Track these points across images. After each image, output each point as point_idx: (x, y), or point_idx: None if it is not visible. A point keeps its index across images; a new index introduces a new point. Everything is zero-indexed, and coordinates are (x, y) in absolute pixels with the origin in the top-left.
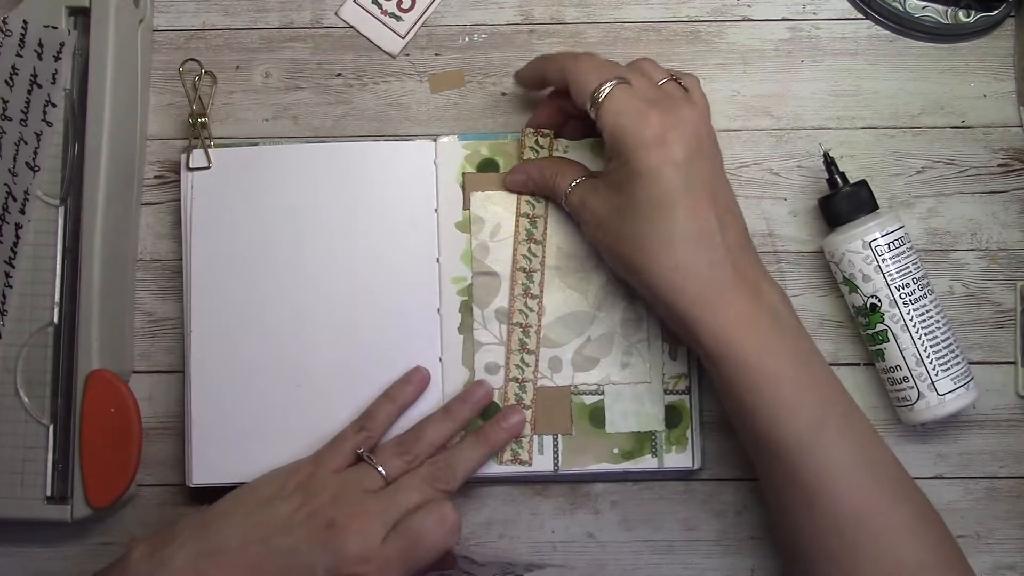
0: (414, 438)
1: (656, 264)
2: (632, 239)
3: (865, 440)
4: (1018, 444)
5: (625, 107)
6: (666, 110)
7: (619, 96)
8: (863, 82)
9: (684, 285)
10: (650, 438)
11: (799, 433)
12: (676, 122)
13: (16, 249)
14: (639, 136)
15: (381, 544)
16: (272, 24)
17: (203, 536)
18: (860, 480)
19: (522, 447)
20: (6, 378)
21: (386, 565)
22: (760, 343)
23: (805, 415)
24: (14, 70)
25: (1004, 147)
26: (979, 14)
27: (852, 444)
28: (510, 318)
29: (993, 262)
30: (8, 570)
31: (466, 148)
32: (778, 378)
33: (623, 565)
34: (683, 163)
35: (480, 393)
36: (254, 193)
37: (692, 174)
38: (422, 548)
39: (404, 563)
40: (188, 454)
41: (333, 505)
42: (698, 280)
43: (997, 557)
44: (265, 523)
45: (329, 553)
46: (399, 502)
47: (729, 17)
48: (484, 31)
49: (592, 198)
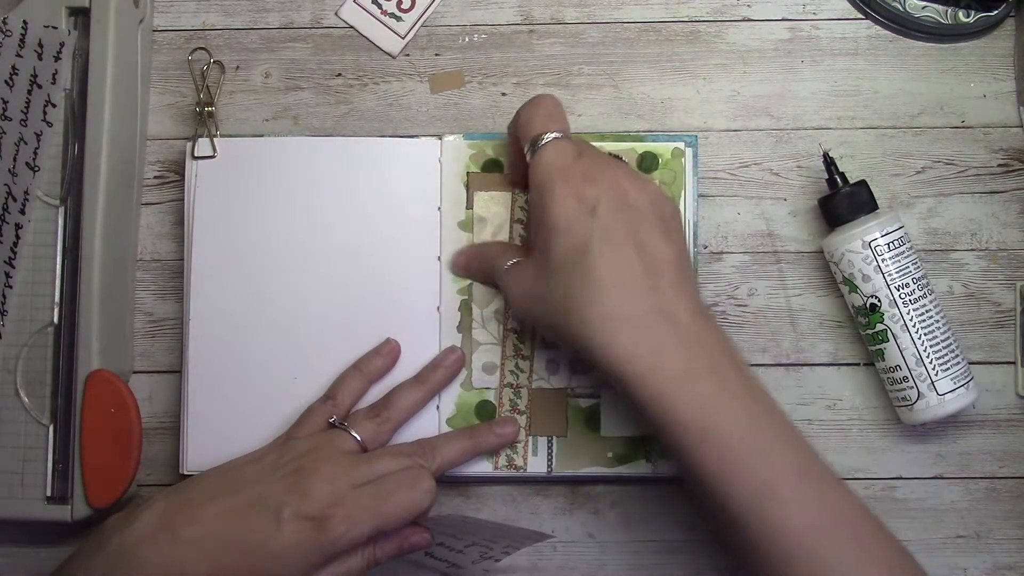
0: (385, 403)
1: (584, 318)
2: (558, 298)
3: (828, 498)
4: (1018, 444)
5: (552, 160)
6: (590, 164)
7: (552, 149)
8: (863, 82)
9: (615, 338)
10: (645, 443)
11: (744, 499)
12: (596, 176)
13: (16, 249)
14: (555, 189)
15: (350, 490)
16: (272, 24)
17: (174, 493)
18: (816, 540)
19: (517, 452)
20: (6, 378)
21: (354, 511)
22: (702, 405)
23: (751, 482)
24: (14, 70)
25: (1004, 147)
26: (979, 14)
27: (810, 508)
28: (505, 324)
29: (993, 262)
30: (8, 570)
31: (471, 147)
32: (721, 442)
33: (623, 565)
34: (601, 215)
35: (452, 358)
36: (258, 184)
37: (611, 224)
38: (394, 503)
39: (373, 515)
40: (183, 443)
41: (305, 455)
42: (631, 332)
43: (997, 557)
44: (236, 479)
45: (295, 495)
46: (374, 466)
47: (729, 17)
48: (484, 31)
49: (519, 273)
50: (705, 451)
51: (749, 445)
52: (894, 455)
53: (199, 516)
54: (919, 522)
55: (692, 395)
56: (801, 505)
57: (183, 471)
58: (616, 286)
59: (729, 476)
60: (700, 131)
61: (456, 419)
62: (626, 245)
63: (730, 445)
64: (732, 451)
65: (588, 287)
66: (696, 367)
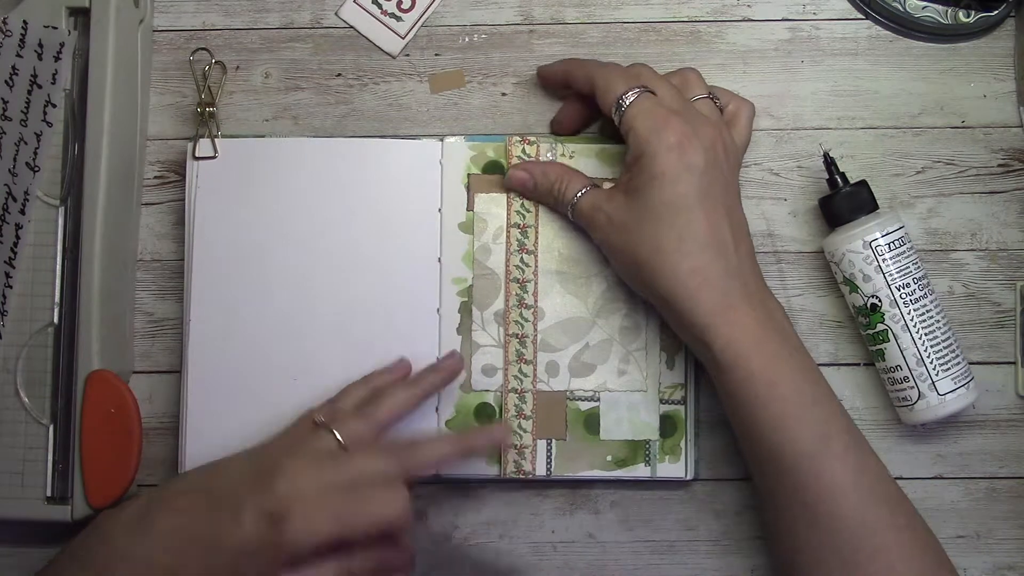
0: (373, 401)
1: (673, 267)
2: (648, 241)
3: (865, 459)
4: (1018, 444)
5: (647, 113)
6: (687, 121)
7: (642, 103)
8: (863, 82)
9: (700, 291)
10: (644, 447)
11: (805, 447)
12: (695, 132)
13: (16, 249)
14: (660, 140)
15: (316, 491)
16: (272, 24)
17: (162, 485)
18: (860, 499)
19: (525, 458)
20: (6, 378)
21: (313, 512)
22: (770, 357)
23: (811, 430)
24: (14, 70)
25: (1004, 147)
26: (979, 14)
27: (854, 462)
28: (507, 329)
29: (993, 262)
30: (8, 570)
31: (472, 149)
32: (786, 392)
33: (623, 565)
34: (700, 172)
35: (449, 362)
36: (258, 185)
37: (709, 184)
38: (359, 511)
39: (335, 520)
40: (183, 443)
41: (279, 453)
42: (713, 288)
43: (997, 557)
44: (214, 474)
45: (258, 490)
46: (348, 467)
47: (729, 17)
48: (484, 31)
49: (607, 204)
50: (772, 399)
51: (808, 398)
52: (894, 455)
53: (171, 508)
54: None
55: (763, 349)
56: (850, 460)
57: (183, 471)
58: (709, 245)
59: (792, 423)
60: None
61: (455, 421)
62: (719, 206)
63: (793, 396)
64: (794, 403)
65: (686, 241)
66: (767, 326)
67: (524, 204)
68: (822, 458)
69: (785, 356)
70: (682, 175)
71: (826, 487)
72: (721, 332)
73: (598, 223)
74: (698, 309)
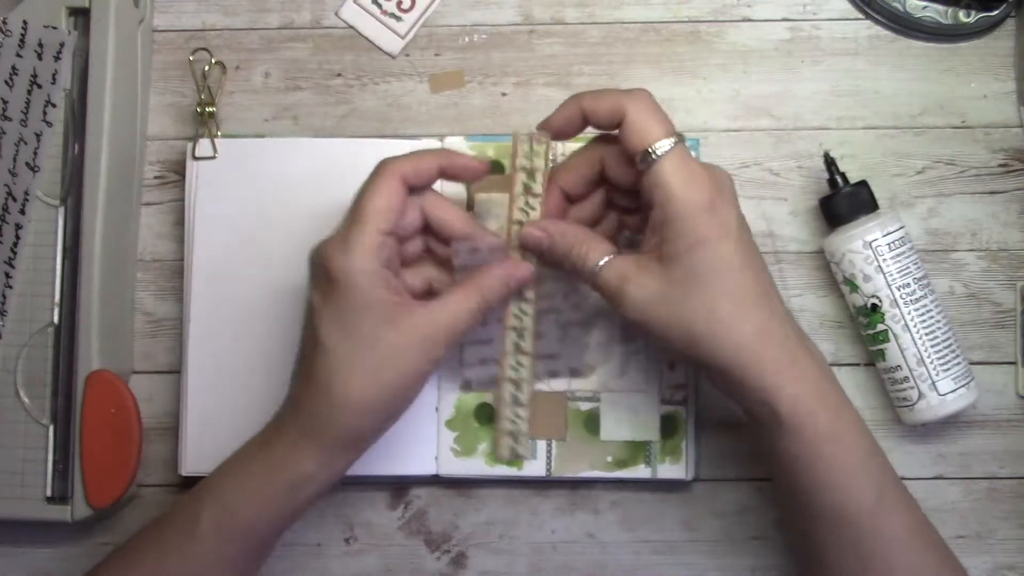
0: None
1: (733, 331)
2: (701, 311)
3: (915, 510)
4: (1018, 444)
5: (683, 170)
6: (713, 174)
7: (678, 157)
8: (863, 82)
9: (763, 351)
10: (644, 447)
11: (867, 504)
12: (720, 185)
13: (16, 249)
14: (696, 202)
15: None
16: (272, 24)
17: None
18: (914, 550)
19: (519, 443)
20: (6, 378)
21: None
22: (834, 411)
23: (870, 485)
24: (14, 70)
25: (1004, 147)
26: (979, 14)
27: (907, 515)
28: (505, 322)
29: (993, 262)
30: (8, 570)
31: (472, 149)
32: (849, 448)
33: (623, 565)
34: (736, 228)
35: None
36: (258, 186)
37: (747, 240)
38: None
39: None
40: (182, 443)
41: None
42: (774, 345)
43: (997, 557)
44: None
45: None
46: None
47: (729, 17)
48: (484, 31)
49: (640, 275)
50: (837, 456)
51: (866, 451)
52: (894, 455)
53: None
54: None
55: (828, 403)
56: (903, 512)
57: (183, 471)
58: (761, 302)
59: (856, 479)
60: (700, 131)
61: (455, 421)
62: (756, 258)
63: (855, 451)
64: (856, 456)
65: (741, 304)
66: (826, 377)
67: (528, 202)
68: (880, 512)
69: (845, 407)
70: (723, 237)
71: (885, 541)
72: (787, 391)
73: (631, 297)
74: (766, 370)
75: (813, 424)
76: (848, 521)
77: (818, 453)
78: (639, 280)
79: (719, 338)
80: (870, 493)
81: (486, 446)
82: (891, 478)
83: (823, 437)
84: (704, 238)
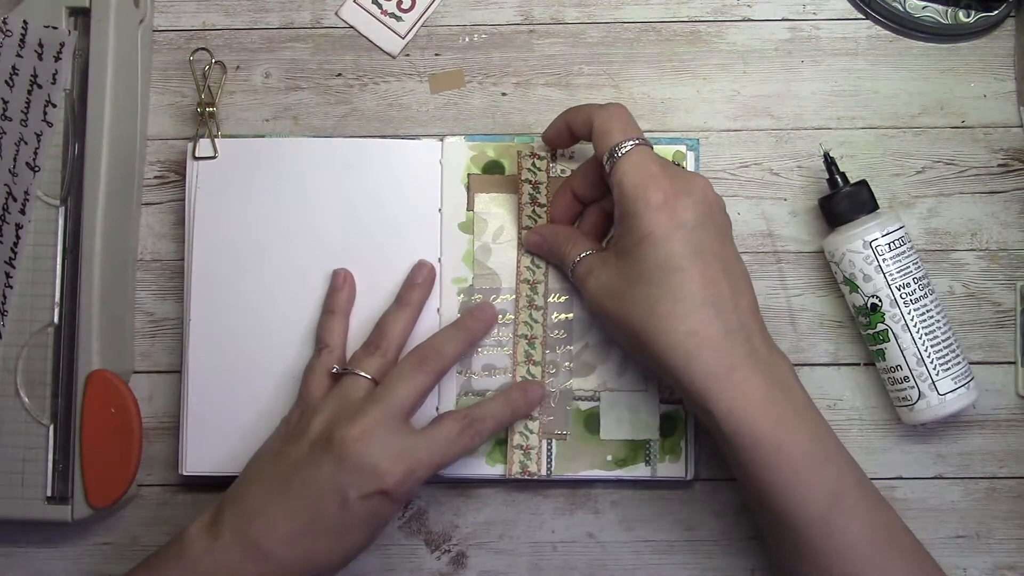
0: (378, 335)
1: (669, 330)
2: (641, 305)
3: (878, 513)
4: (1018, 444)
5: (636, 169)
6: (677, 175)
7: (634, 158)
8: (863, 82)
9: (699, 354)
10: (644, 446)
11: (815, 511)
12: (687, 187)
13: (16, 249)
14: (648, 198)
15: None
16: (272, 24)
17: (240, 504)
18: (876, 554)
19: (531, 459)
20: (6, 378)
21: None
22: (775, 420)
23: (821, 492)
24: (14, 70)
25: (1004, 147)
26: (979, 14)
27: (868, 520)
28: (515, 331)
29: (993, 262)
30: (8, 570)
31: (472, 149)
32: (794, 455)
33: (623, 565)
34: (691, 228)
35: (424, 272)
36: (258, 185)
37: (702, 240)
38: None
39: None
40: (183, 443)
41: (331, 422)
42: (713, 349)
43: (997, 557)
44: (284, 467)
45: (348, 472)
46: (395, 395)
47: (729, 17)
48: (484, 31)
49: (599, 268)
50: (781, 464)
51: (818, 458)
52: (894, 455)
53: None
54: (919, 522)
55: (768, 412)
56: (863, 517)
57: (183, 471)
58: (706, 305)
59: (802, 488)
60: (700, 131)
61: None
62: (715, 262)
63: (802, 459)
64: (804, 464)
65: (680, 303)
66: (772, 386)
67: (534, 211)
68: (834, 519)
69: (791, 416)
70: (672, 234)
71: (838, 548)
72: (723, 397)
73: (589, 288)
74: (697, 373)
75: (752, 433)
76: (797, 529)
77: (762, 460)
78: (597, 273)
79: (653, 335)
80: (821, 500)
81: (486, 446)
82: (851, 483)
83: (765, 446)
84: (650, 234)
